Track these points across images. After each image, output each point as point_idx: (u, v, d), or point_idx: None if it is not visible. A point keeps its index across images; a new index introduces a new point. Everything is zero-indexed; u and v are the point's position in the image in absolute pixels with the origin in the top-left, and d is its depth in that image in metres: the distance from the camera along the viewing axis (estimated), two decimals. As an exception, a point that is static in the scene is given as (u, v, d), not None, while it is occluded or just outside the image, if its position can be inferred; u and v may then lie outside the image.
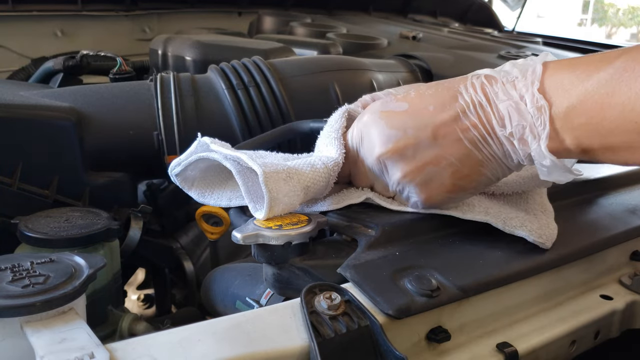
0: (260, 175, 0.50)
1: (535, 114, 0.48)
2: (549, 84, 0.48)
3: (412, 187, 0.55)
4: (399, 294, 0.44)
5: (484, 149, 0.51)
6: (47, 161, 0.70)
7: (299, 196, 0.53)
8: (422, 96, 0.54)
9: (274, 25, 1.61)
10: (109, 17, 1.67)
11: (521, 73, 0.50)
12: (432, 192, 0.54)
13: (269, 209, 0.51)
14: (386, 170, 0.55)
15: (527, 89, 0.48)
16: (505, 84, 0.50)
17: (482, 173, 0.53)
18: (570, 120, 0.47)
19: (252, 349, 0.38)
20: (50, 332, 0.36)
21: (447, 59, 1.20)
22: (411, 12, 2.22)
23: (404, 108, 0.54)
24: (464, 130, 0.51)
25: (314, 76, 0.88)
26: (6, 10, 1.50)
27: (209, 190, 0.60)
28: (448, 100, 0.52)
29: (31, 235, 0.59)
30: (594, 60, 0.47)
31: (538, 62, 0.50)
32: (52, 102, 0.74)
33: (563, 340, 0.52)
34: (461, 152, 0.51)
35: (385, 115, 0.54)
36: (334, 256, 0.52)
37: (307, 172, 0.54)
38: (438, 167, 0.52)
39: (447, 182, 0.53)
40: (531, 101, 0.48)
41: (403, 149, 0.53)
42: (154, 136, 0.76)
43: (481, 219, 0.55)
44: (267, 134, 0.70)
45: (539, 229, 0.54)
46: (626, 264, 0.63)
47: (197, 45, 1.06)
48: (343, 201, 0.58)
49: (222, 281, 0.67)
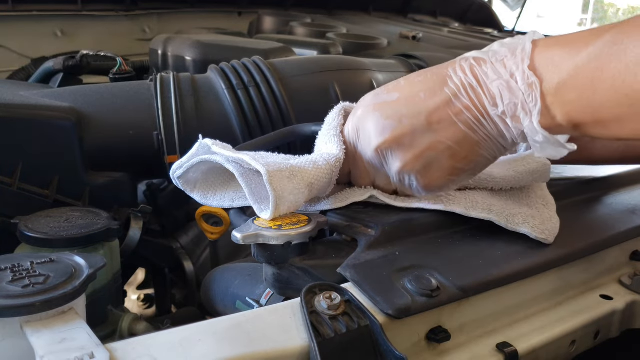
0: (264, 174, 0.50)
1: (526, 90, 0.48)
2: (539, 60, 0.48)
3: (413, 175, 0.55)
4: (399, 293, 0.44)
5: (479, 130, 0.51)
6: (47, 161, 0.70)
7: (303, 194, 0.53)
8: (412, 84, 0.54)
9: (274, 25, 1.61)
10: (109, 17, 1.67)
11: (510, 51, 0.50)
12: (432, 177, 0.55)
13: (275, 208, 0.51)
14: (385, 162, 0.56)
15: (517, 67, 0.48)
16: (495, 63, 0.50)
17: (479, 154, 0.53)
18: (562, 96, 0.47)
19: (252, 349, 0.38)
20: (50, 332, 0.36)
21: (447, 59, 1.20)
22: (411, 12, 2.22)
23: (396, 97, 0.54)
24: (457, 114, 0.51)
25: (314, 76, 0.88)
26: (6, 10, 1.50)
27: (211, 191, 0.60)
28: (438, 85, 0.52)
29: (31, 235, 0.59)
30: (584, 36, 0.47)
31: (527, 40, 0.50)
32: (52, 102, 0.74)
33: (563, 340, 0.52)
34: (457, 135, 0.52)
35: (378, 106, 0.55)
36: (334, 256, 0.52)
37: (310, 169, 0.54)
38: (436, 152, 0.53)
39: (447, 166, 0.54)
40: (522, 78, 0.48)
41: (400, 138, 0.53)
42: (154, 136, 0.76)
43: (484, 216, 0.56)
44: (269, 136, 0.70)
45: (541, 225, 0.55)
46: (626, 264, 0.63)
47: (197, 45, 1.06)
48: (347, 199, 0.58)
49: (222, 281, 0.67)
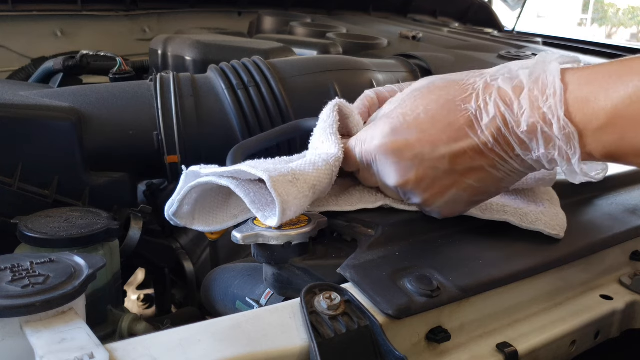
0: (267, 181, 0.49)
1: (563, 139, 0.45)
2: (574, 104, 0.45)
3: (431, 209, 0.55)
4: (399, 294, 0.44)
5: (504, 169, 0.50)
6: (47, 161, 0.70)
7: (307, 197, 0.52)
8: (433, 120, 0.50)
9: (274, 25, 1.61)
10: (109, 17, 1.67)
11: (538, 88, 0.46)
12: (451, 210, 0.55)
13: (282, 213, 0.49)
14: (404, 196, 0.55)
15: (552, 114, 0.45)
16: (523, 103, 0.46)
17: (501, 187, 0.53)
18: (600, 138, 0.45)
19: (252, 349, 0.38)
20: (50, 332, 0.36)
21: (447, 59, 1.20)
22: (411, 12, 2.22)
23: (416, 137, 0.50)
24: (484, 158, 0.49)
25: (314, 76, 0.88)
26: (6, 10, 1.50)
27: (211, 216, 0.58)
28: (462, 126, 0.49)
29: (31, 235, 0.59)
30: (616, 71, 0.45)
31: (556, 76, 0.46)
32: (52, 102, 0.74)
33: (563, 340, 0.52)
34: (481, 176, 0.50)
35: (397, 146, 0.51)
36: (334, 256, 0.52)
37: (311, 171, 0.53)
38: (457, 190, 0.52)
39: (467, 200, 0.53)
40: (558, 127, 0.45)
41: (421, 179, 0.52)
42: (154, 136, 0.76)
43: (499, 218, 0.56)
44: (272, 131, 0.70)
45: (551, 221, 0.56)
46: (626, 264, 0.63)
47: (197, 45, 1.06)
48: (356, 204, 0.58)
49: (222, 281, 0.67)
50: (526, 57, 1.26)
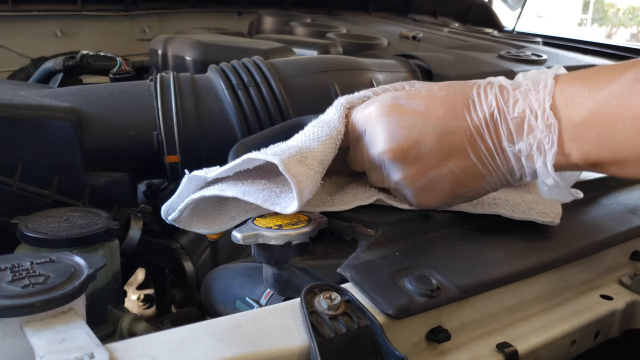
0: (279, 164, 0.48)
1: (544, 130, 0.47)
2: (560, 98, 0.47)
3: (410, 190, 0.55)
4: (399, 294, 0.44)
5: (488, 164, 0.51)
6: (47, 161, 0.70)
7: (318, 172, 0.52)
8: (433, 97, 0.52)
9: (274, 25, 1.61)
10: (109, 17, 1.67)
11: (533, 85, 0.49)
12: (428, 197, 0.54)
13: (299, 195, 0.49)
14: (384, 167, 0.55)
15: (539, 105, 0.48)
16: (518, 95, 0.49)
17: (482, 186, 0.53)
18: (580, 134, 0.46)
19: (252, 349, 0.38)
20: (50, 332, 0.36)
21: (447, 59, 1.20)
22: (411, 12, 2.22)
23: (414, 106, 0.52)
24: (471, 143, 0.50)
25: (314, 76, 0.88)
26: (6, 10, 1.50)
27: (209, 219, 0.58)
28: (460, 108, 0.51)
29: (31, 235, 0.59)
30: (605, 72, 0.46)
31: (550, 75, 0.49)
32: (52, 102, 0.74)
33: (563, 340, 0.52)
34: (465, 164, 0.51)
35: (394, 110, 0.53)
36: (334, 256, 0.52)
37: (317, 147, 0.53)
38: (439, 175, 0.52)
39: (446, 190, 0.53)
40: (542, 117, 0.47)
41: (407, 150, 0.52)
42: (154, 136, 0.76)
43: (491, 211, 0.56)
44: (274, 128, 0.70)
45: (545, 208, 0.55)
46: (626, 264, 0.63)
47: (197, 45, 1.06)
48: (351, 202, 0.58)
49: (222, 281, 0.67)
50: (526, 57, 1.26)
